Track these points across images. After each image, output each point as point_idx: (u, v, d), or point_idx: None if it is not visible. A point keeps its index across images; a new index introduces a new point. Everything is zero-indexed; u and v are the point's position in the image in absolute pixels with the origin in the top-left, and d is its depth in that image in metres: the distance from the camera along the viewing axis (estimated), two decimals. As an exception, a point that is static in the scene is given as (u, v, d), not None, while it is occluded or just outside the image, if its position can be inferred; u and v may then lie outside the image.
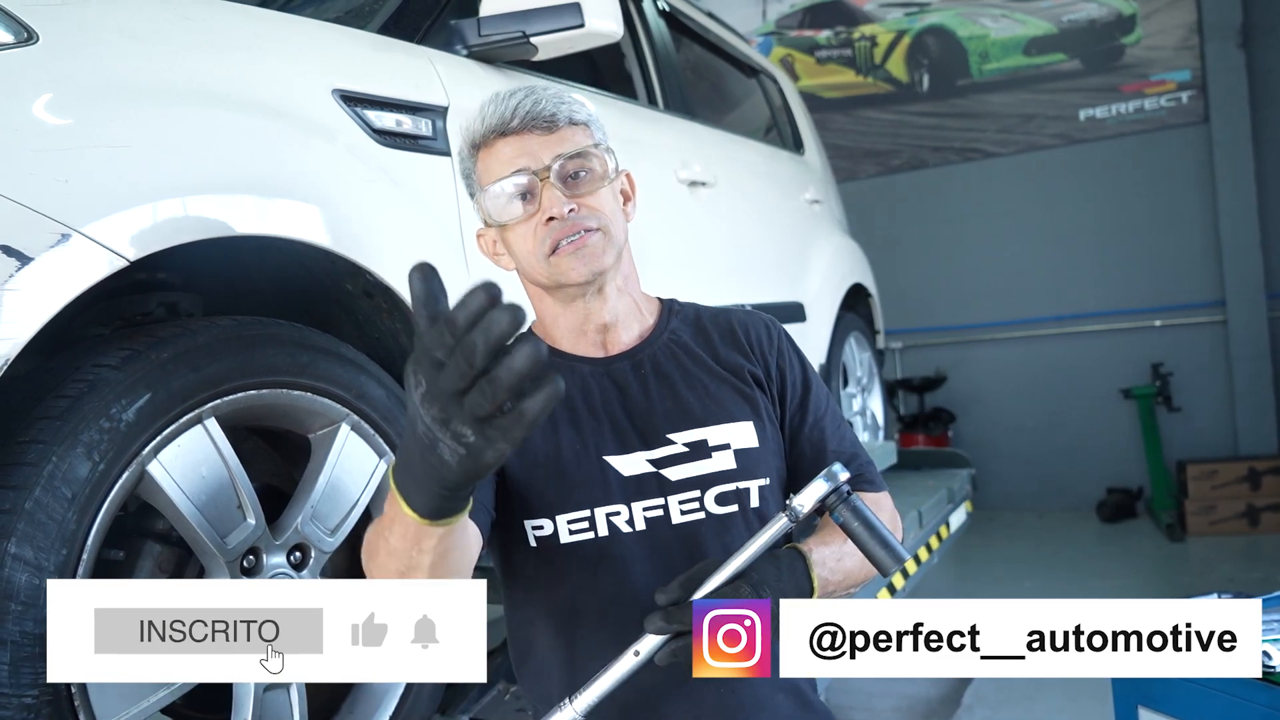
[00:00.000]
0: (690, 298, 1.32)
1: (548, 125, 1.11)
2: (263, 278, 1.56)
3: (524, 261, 1.15)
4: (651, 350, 1.20)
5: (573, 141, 1.12)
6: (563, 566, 1.12)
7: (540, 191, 1.10)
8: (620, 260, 1.17)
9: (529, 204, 1.11)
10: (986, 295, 6.82)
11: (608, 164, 1.14)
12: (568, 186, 1.10)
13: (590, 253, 1.11)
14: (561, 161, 1.10)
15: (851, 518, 0.95)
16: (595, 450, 1.13)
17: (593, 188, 1.12)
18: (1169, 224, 6.30)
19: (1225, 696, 1.47)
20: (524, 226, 1.12)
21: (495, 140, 1.12)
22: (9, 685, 1.02)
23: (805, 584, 1.02)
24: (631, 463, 1.13)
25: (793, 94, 4.19)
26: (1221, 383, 6.16)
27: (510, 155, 1.11)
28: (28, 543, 1.04)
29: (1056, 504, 6.57)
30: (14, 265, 1.02)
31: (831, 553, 1.07)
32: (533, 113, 1.10)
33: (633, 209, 1.22)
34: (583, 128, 1.14)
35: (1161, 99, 6.38)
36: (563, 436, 1.14)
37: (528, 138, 1.11)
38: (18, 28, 1.12)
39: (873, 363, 4.05)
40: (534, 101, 1.11)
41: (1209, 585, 2.04)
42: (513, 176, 1.10)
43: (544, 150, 1.10)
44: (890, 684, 3.88)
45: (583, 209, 1.11)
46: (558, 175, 1.10)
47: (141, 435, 1.16)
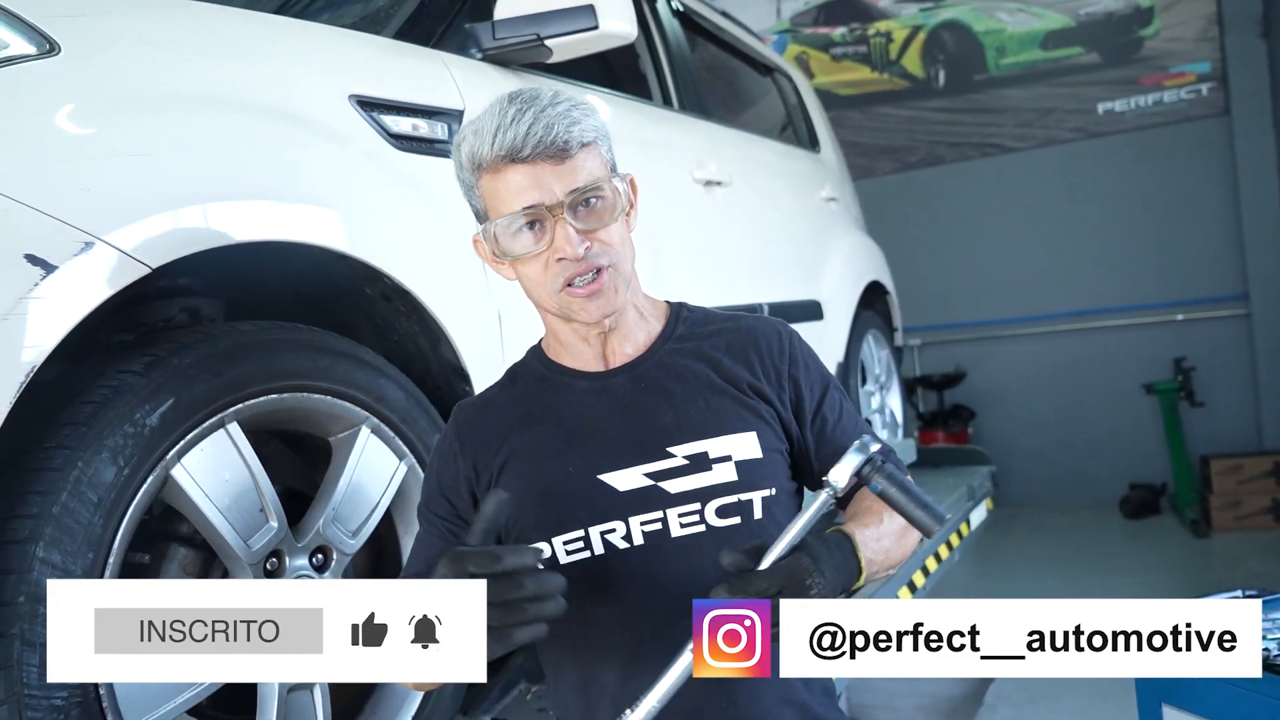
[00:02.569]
0: (706, 297, 1.31)
1: (560, 153, 1.05)
2: (282, 283, 1.57)
3: (533, 290, 1.13)
4: (653, 361, 1.18)
5: (585, 171, 1.07)
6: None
7: (553, 226, 1.06)
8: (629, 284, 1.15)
9: (539, 236, 1.07)
10: (1005, 291, 6.77)
11: (619, 192, 1.11)
12: (579, 218, 1.07)
13: (605, 297, 1.09)
14: (574, 196, 1.06)
15: (889, 484, 0.95)
16: (590, 469, 1.12)
17: (604, 221, 1.08)
18: (1190, 217, 6.24)
19: (1249, 694, 1.46)
20: (535, 260, 1.09)
21: (503, 166, 1.06)
22: (39, 688, 1.03)
23: (854, 565, 1.01)
24: (628, 478, 1.12)
25: (808, 92, 4.18)
26: (1245, 377, 6.10)
27: (520, 185, 1.06)
28: (55, 547, 1.05)
29: (1079, 501, 6.52)
30: (39, 274, 1.03)
31: (871, 534, 1.06)
32: (545, 140, 1.04)
33: (635, 216, 1.18)
34: (593, 148, 1.09)
35: (1181, 91, 6.32)
36: (556, 459, 1.13)
37: (539, 166, 1.05)
38: (39, 39, 1.14)
39: (891, 360, 4.03)
40: (545, 127, 1.04)
41: (1235, 581, 2.02)
42: (522, 212, 1.06)
43: (556, 182, 1.05)
44: (913, 683, 3.87)
45: (595, 245, 1.08)
46: (570, 209, 1.06)
47: (165, 440, 1.18)
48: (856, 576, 1.02)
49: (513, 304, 1.69)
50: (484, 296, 1.65)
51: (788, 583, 0.92)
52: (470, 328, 1.61)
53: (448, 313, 1.57)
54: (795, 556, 0.94)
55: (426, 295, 1.53)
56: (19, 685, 1.02)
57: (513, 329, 1.68)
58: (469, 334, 1.61)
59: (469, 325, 1.61)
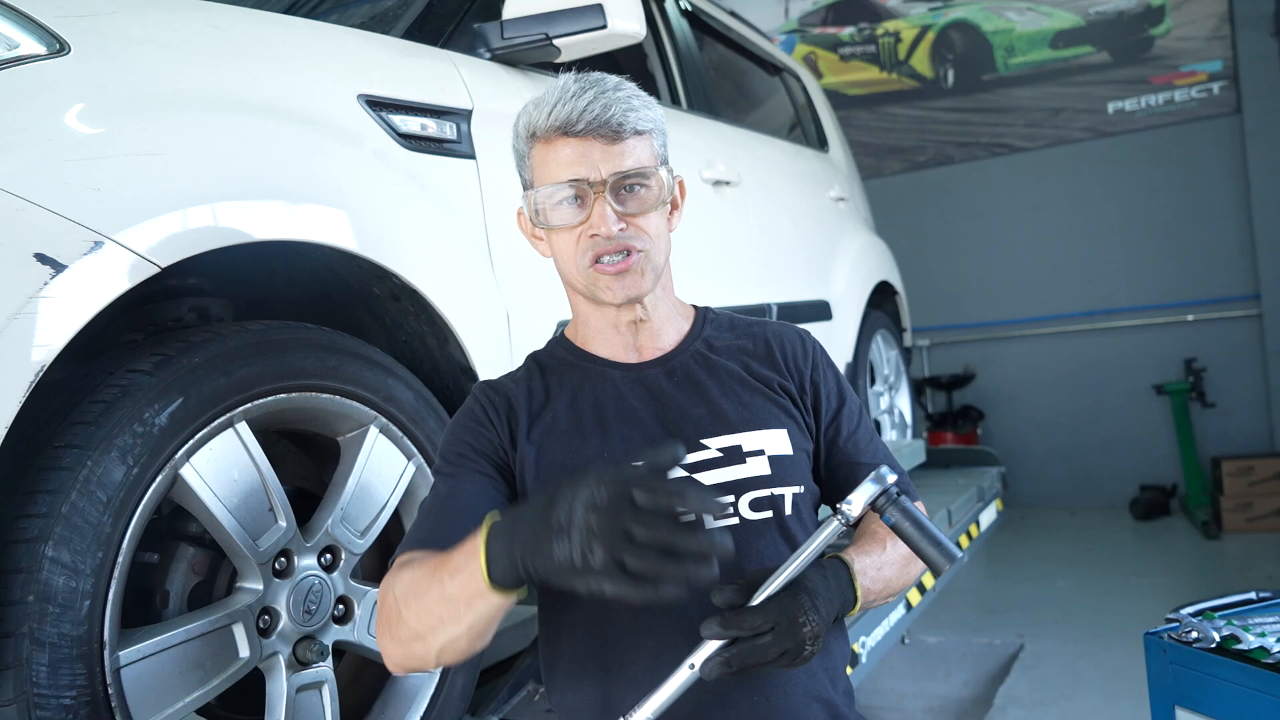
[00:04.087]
0: (715, 297, 1.32)
1: (613, 134, 1.08)
2: (291, 282, 1.58)
3: (563, 264, 1.14)
4: (685, 356, 1.20)
5: (634, 156, 1.09)
6: None
7: (592, 203, 1.08)
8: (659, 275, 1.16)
9: (578, 210, 1.09)
10: (1015, 291, 6.75)
11: (664, 184, 1.12)
12: (620, 200, 1.08)
13: (631, 278, 1.10)
14: (618, 178, 1.08)
15: (902, 518, 0.94)
16: (626, 457, 1.12)
17: (644, 208, 1.10)
18: (1201, 217, 6.21)
19: (1262, 695, 1.45)
20: (569, 232, 1.10)
21: (556, 138, 1.09)
22: (48, 687, 1.04)
23: (850, 594, 1.03)
24: None
25: (816, 92, 4.18)
26: (1256, 377, 6.06)
27: (569, 158, 1.08)
28: (64, 546, 1.05)
29: (1089, 502, 6.50)
30: (48, 273, 1.03)
31: (872, 562, 1.07)
32: (600, 118, 1.06)
33: (678, 218, 1.20)
34: (646, 138, 1.11)
35: (1192, 90, 6.28)
36: (592, 445, 1.13)
37: (590, 143, 1.07)
38: (50, 39, 1.14)
39: (900, 360, 4.02)
40: (603, 106, 1.07)
41: (1248, 583, 2.01)
42: (567, 184, 1.08)
43: (604, 161, 1.08)
44: (922, 684, 3.86)
45: (631, 228, 1.09)
46: (612, 190, 1.08)
47: (174, 439, 1.18)
48: (851, 606, 1.03)
49: (521, 304, 1.69)
50: (493, 296, 1.65)
51: (780, 620, 0.93)
52: (479, 327, 1.61)
53: (456, 312, 1.57)
54: (792, 593, 0.95)
55: (435, 295, 1.53)
56: (28, 684, 1.02)
57: (521, 329, 1.68)
58: (477, 334, 1.61)
59: (477, 325, 1.61)
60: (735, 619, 0.92)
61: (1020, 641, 4.07)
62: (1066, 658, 3.82)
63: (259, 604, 1.30)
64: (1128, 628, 3.02)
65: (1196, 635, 1.61)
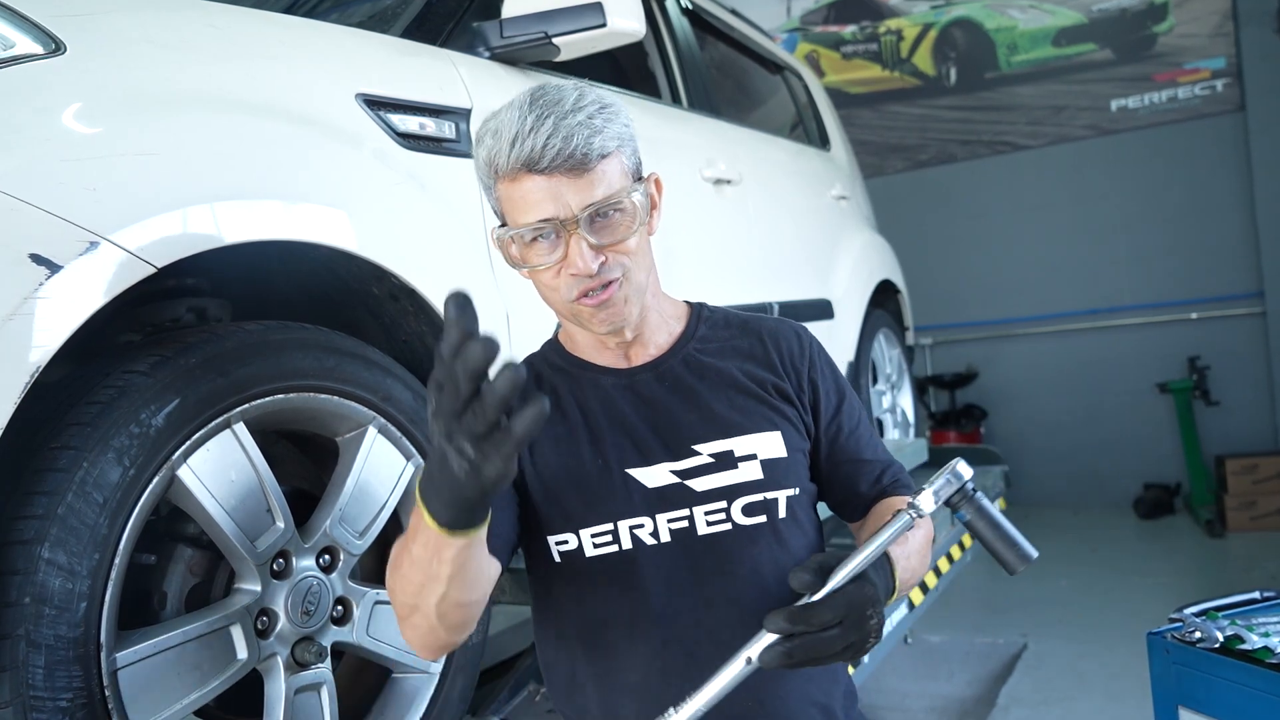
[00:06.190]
0: (716, 296, 1.31)
1: (579, 166, 1.02)
2: (289, 282, 1.57)
3: (547, 297, 1.11)
4: (676, 360, 1.18)
5: (605, 183, 1.04)
6: (589, 581, 1.11)
7: (566, 240, 1.04)
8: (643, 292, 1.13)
9: (553, 248, 1.05)
10: (1018, 290, 6.74)
11: (637, 206, 1.07)
12: (595, 231, 1.04)
13: (614, 310, 1.08)
14: (591, 210, 1.03)
15: (977, 517, 0.92)
16: (618, 463, 1.11)
17: (620, 235, 1.06)
18: (1204, 214, 6.20)
19: (1265, 695, 1.44)
20: (549, 270, 1.07)
21: (521, 175, 1.03)
22: (44, 689, 1.03)
23: (890, 585, 1.02)
24: (655, 474, 1.11)
25: (818, 90, 4.17)
26: (1260, 375, 6.05)
27: (537, 198, 1.03)
28: (61, 547, 1.05)
29: (1093, 501, 6.48)
30: (44, 273, 1.03)
31: (901, 552, 1.06)
32: (564, 152, 1.00)
33: (658, 217, 1.16)
34: (614, 156, 1.05)
35: (1195, 87, 6.27)
36: (584, 451, 1.12)
37: (556, 180, 1.02)
38: (46, 39, 1.14)
39: (902, 359, 4.02)
40: (564, 139, 1.00)
41: (1252, 582, 2.00)
42: (538, 223, 1.04)
43: (574, 195, 1.02)
44: (925, 684, 3.86)
45: (610, 259, 1.05)
46: (586, 224, 1.03)
47: (171, 440, 1.17)
48: (889, 596, 1.02)
49: (521, 304, 1.69)
50: (492, 296, 1.64)
51: (849, 614, 0.91)
52: (478, 327, 1.60)
53: (455, 312, 1.56)
54: (859, 585, 0.93)
55: (434, 294, 1.52)
56: (25, 686, 1.02)
57: (521, 329, 1.68)
58: (477, 334, 1.60)
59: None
60: (802, 614, 0.91)
61: (1023, 641, 4.06)
62: (1070, 657, 3.81)
63: (257, 605, 1.29)
64: (1131, 627, 3.00)
65: (1200, 635, 1.61)
